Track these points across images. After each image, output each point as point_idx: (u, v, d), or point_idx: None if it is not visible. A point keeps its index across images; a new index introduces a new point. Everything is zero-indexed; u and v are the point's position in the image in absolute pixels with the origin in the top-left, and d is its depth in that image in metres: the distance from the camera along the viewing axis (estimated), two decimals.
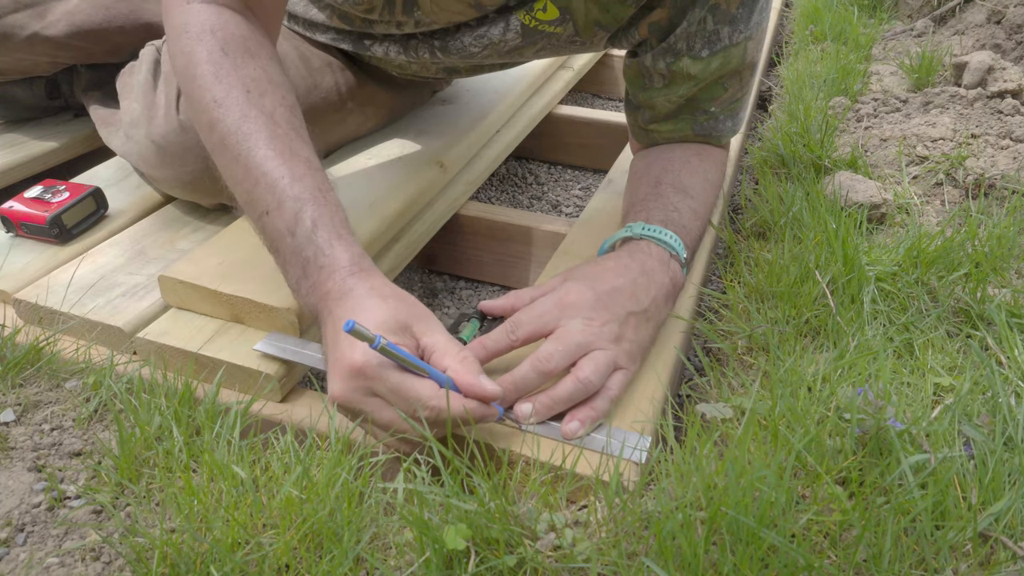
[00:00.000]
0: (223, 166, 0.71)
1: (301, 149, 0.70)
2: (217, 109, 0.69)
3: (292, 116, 0.72)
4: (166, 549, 0.52)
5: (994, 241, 0.88)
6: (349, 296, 0.63)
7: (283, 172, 0.67)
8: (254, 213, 0.69)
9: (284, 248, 0.67)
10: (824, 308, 0.78)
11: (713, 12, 0.80)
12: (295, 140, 0.70)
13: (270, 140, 0.68)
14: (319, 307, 0.65)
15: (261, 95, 0.70)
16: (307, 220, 0.66)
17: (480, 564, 0.51)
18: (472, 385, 0.60)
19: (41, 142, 1.17)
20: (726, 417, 0.65)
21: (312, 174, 0.68)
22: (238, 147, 0.68)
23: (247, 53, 0.72)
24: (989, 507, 0.54)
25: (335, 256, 0.65)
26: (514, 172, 1.52)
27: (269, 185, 0.67)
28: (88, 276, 0.84)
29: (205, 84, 0.70)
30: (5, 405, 0.68)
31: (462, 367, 0.61)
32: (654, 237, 0.77)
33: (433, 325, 0.64)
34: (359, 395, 0.60)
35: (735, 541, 0.51)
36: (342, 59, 1.02)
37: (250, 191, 0.68)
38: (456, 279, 1.23)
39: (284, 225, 0.66)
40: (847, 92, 1.43)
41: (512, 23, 0.84)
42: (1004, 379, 0.69)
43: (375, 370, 0.59)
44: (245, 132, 0.68)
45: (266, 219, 0.67)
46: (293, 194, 0.66)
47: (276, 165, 0.67)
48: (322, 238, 0.65)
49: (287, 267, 0.68)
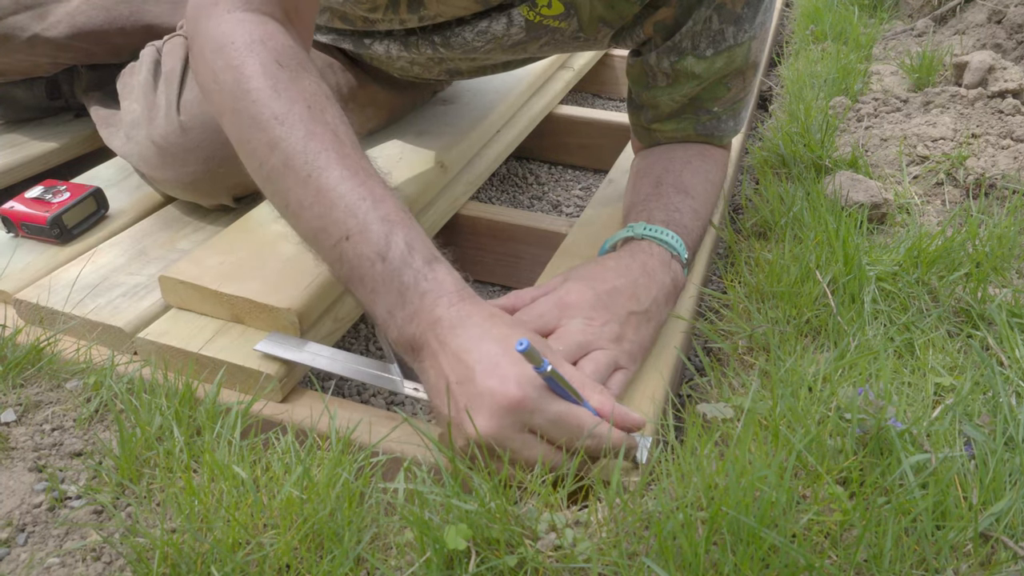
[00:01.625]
0: (285, 190, 0.63)
1: (372, 168, 0.64)
2: (279, 127, 0.62)
3: (352, 133, 0.66)
4: (167, 549, 0.52)
5: (995, 241, 0.88)
6: (468, 322, 0.57)
7: (363, 193, 0.60)
8: (329, 240, 0.61)
9: (372, 275, 0.60)
10: (824, 308, 0.78)
11: (719, 11, 0.80)
12: (364, 160, 0.64)
13: (341, 159, 0.62)
14: (425, 337, 0.58)
15: (323, 111, 0.64)
16: (400, 243, 0.59)
17: (481, 564, 0.51)
18: (624, 416, 0.58)
19: (42, 142, 1.17)
20: (727, 417, 0.65)
21: (392, 194, 0.63)
22: (307, 167, 0.61)
23: (301, 67, 0.66)
24: (990, 507, 0.54)
25: (439, 280, 0.59)
26: (514, 172, 1.52)
27: (349, 208, 0.60)
28: (89, 276, 0.84)
29: (262, 99, 0.63)
30: (6, 405, 0.68)
31: (606, 397, 0.58)
32: (655, 237, 0.77)
33: (559, 356, 0.60)
34: (513, 431, 0.55)
35: (736, 541, 0.51)
36: (343, 60, 1.02)
37: (324, 215, 0.61)
38: None
39: (372, 250, 0.59)
40: (847, 92, 1.43)
41: (515, 18, 0.84)
42: (1005, 379, 0.69)
43: (535, 402, 0.54)
44: (314, 151, 0.62)
45: (346, 245, 0.60)
46: (379, 215, 0.60)
47: (354, 186, 0.61)
48: (420, 261, 0.60)
49: (376, 296, 0.60)
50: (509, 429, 0.55)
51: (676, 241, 0.77)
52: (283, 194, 0.64)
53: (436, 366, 0.58)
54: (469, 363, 0.56)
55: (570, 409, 0.56)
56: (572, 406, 0.56)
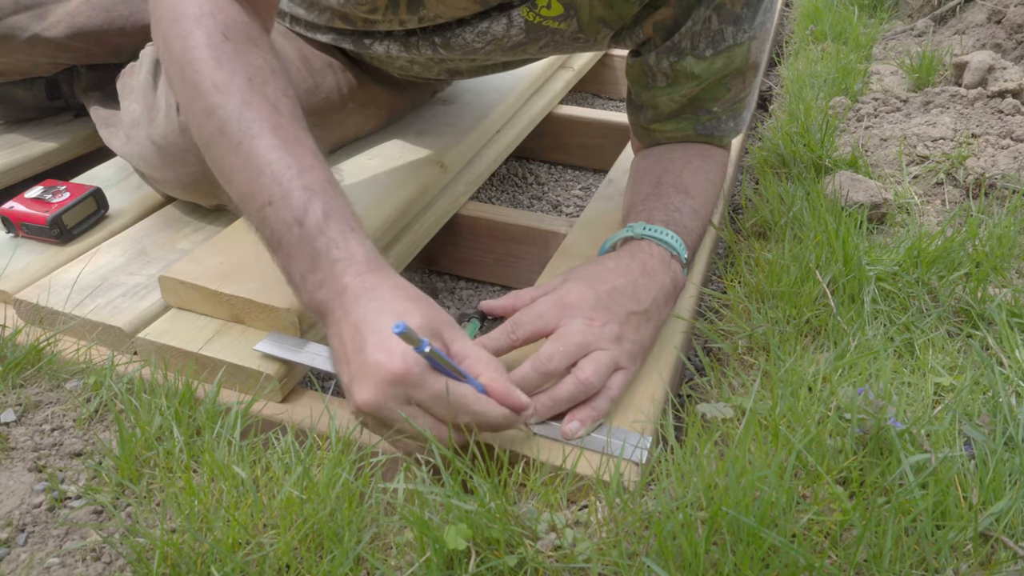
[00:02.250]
0: (219, 156, 0.67)
1: (306, 140, 0.67)
2: (217, 95, 0.65)
3: (294, 106, 0.69)
4: (167, 549, 0.52)
5: (994, 241, 0.88)
6: (371, 294, 0.59)
7: (290, 162, 0.63)
8: (254, 204, 0.64)
9: (289, 239, 0.62)
10: (824, 308, 0.78)
11: (718, 11, 0.80)
12: (300, 131, 0.67)
13: (275, 129, 0.65)
14: (331, 304, 0.61)
15: (264, 83, 0.67)
16: (318, 210, 0.62)
17: (480, 564, 0.51)
18: (508, 394, 0.59)
19: (41, 142, 1.17)
20: (726, 417, 0.65)
21: (320, 165, 0.65)
22: (239, 135, 0.64)
23: (249, 40, 0.69)
24: (990, 507, 0.54)
25: (351, 250, 0.61)
26: (514, 172, 1.52)
27: (274, 175, 0.63)
28: (89, 276, 0.84)
29: (204, 68, 0.66)
30: (6, 405, 0.68)
31: (497, 375, 0.60)
32: (655, 237, 0.77)
33: (459, 332, 0.62)
34: (395, 403, 0.56)
35: (736, 541, 0.51)
36: (343, 60, 1.02)
37: (251, 181, 0.64)
38: (456, 279, 1.22)
39: (291, 215, 0.62)
40: (847, 92, 1.43)
41: (515, 19, 0.84)
42: (1005, 379, 0.69)
43: (418, 377, 0.56)
44: (248, 119, 0.64)
45: (268, 210, 0.63)
46: (302, 184, 0.62)
47: (282, 155, 0.63)
48: (335, 230, 0.61)
49: (291, 260, 0.63)
50: (391, 400, 0.56)
51: (676, 241, 0.77)
52: (218, 159, 0.67)
53: (338, 334, 0.60)
54: (364, 334, 0.57)
55: (455, 386, 0.57)
56: (455, 383, 0.57)
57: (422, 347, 0.54)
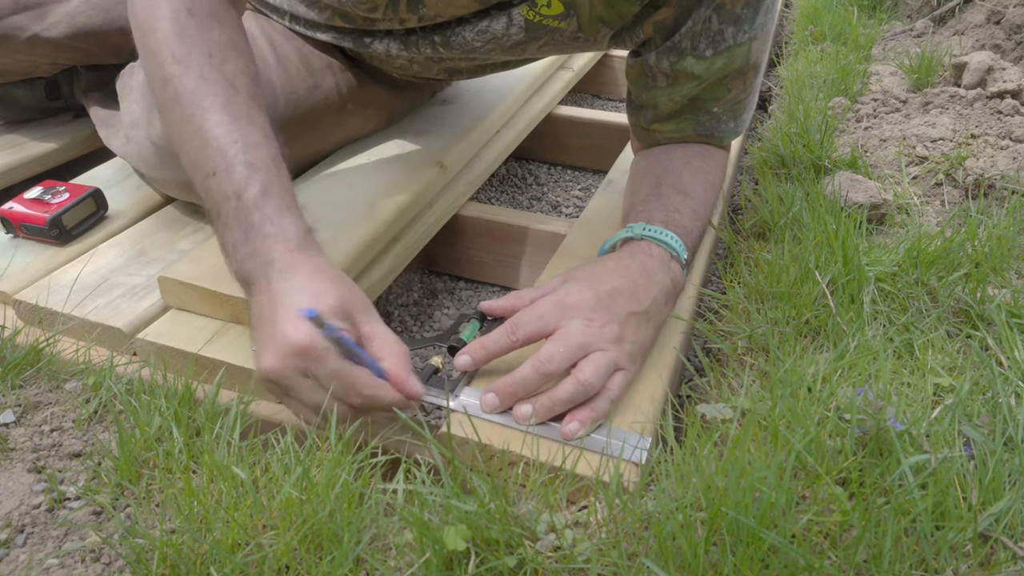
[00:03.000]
0: (173, 122, 0.70)
1: (258, 118, 0.69)
2: (175, 66, 0.68)
3: (253, 86, 0.71)
4: (166, 550, 0.52)
5: (994, 241, 0.88)
6: (294, 271, 0.63)
7: (237, 137, 0.66)
8: (200, 174, 0.67)
9: (227, 210, 0.65)
10: (824, 308, 0.78)
11: (718, 11, 0.80)
12: (253, 109, 0.69)
13: (226, 105, 0.68)
14: (255, 275, 0.64)
15: (224, 61, 0.70)
16: (257, 186, 0.65)
17: (480, 565, 0.51)
18: (404, 382, 0.62)
19: (41, 143, 1.17)
20: (726, 418, 0.65)
21: (267, 144, 0.68)
22: (192, 107, 0.67)
23: (213, 17, 0.72)
24: (989, 507, 0.54)
25: (283, 227, 0.65)
26: (514, 173, 1.52)
27: (220, 148, 0.66)
28: (88, 277, 0.84)
29: (165, 39, 0.69)
30: (5, 406, 0.68)
31: (399, 362, 0.62)
32: (655, 238, 0.77)
33: (373, 315, 0.65)
34: (293, 374, 0.60)
35: (735, 542, 0.51)
36: (343, 60, 1.02)
37: (199, 151, 0.67)
38: (456, 280, 1.23)
39: (231, 188, 0.65)
40: (847, 92, 1.43)
41: (515, 18, 0.84)
42: (1004, 379, 0.69)
43: (318, 352, 0.59)
44: (203, 93, 0.68)
45: (211, 180, 0.66)
46: (246, 159, 0.66)
47: (230, 130, 0.66)
48: (271, 207, 0.65)
49: (226, 230, 0.66)
50: (290, 371, 0.60)
51: (675, 242, 0.77)
52: (171, 125, 0.71)
53: (259, 304, 0.63)
54: (279, 307, 0.61)
55: (350, 368, 0.60)
56: (352, 366, 0.60)
57: (326, 330, 0.58)
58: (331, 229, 0.87)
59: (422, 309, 1.15)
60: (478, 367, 0.69)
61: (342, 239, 0.86)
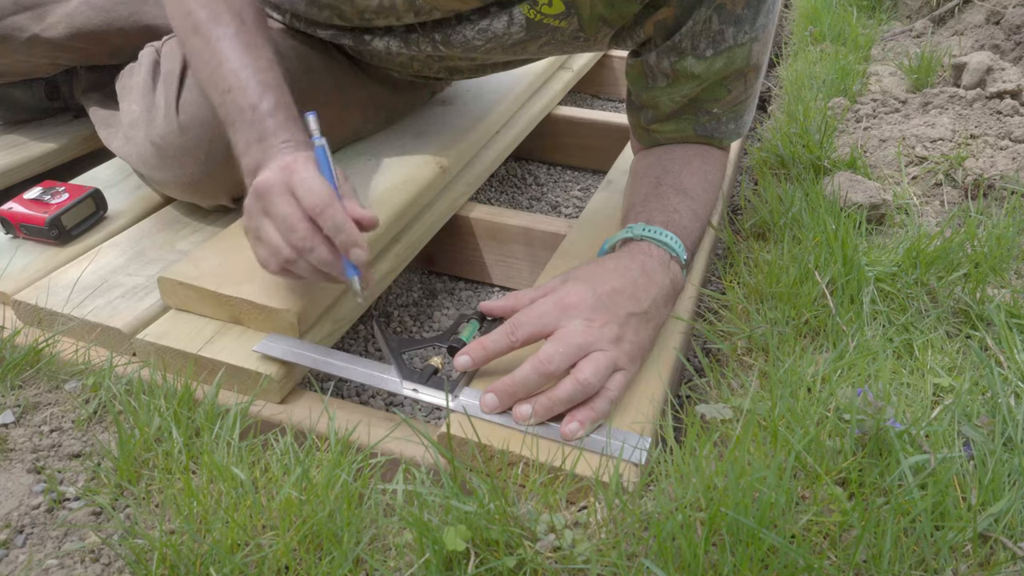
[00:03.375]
0: (194, 46, 0.80)
1: (264, 47, 0.79)
2: (193, 2, 0.79)
3: (258, 18, 0.82)
4: (165, 550, 0.52)
5: (993, 241, 0.88)
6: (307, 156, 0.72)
7: (248, 61, 0.77)
8: (216, 89, 0.77)
9: (243, 119, 0.75)
10: (823, 309, 0.78)
11: (719, 12, 0.80)
12: (259, 37, 0.80)
13: (237, 34, 0.78)
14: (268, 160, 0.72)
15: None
16: (271, 100, 0.75)
17: (480, 565, 0.51)
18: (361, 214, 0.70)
19: (41, 143, 1.17)
20: (726, 418, 0.65)
21: (274, 69, 0.78)
22: (209, 35, 0.78)
23: None
24: (989, 507, 0.54)
25: (294, 132, 0.74)
26: (514, 173, 1.52)
27: (234, 70, 0.76)
28: (88, 277, 0.84)
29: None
30: (4, 407, 0.68)
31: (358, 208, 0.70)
32: (654, 238, 0.77)
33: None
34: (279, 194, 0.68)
35: (735, 542, 0.51)
36: (342, 59, 1.02)
37: (216, 69, 0.77)
38: (456, 280, 1.23)
39: (247, 101, 0.75)
40: (846, 93, 1.43)
41: (516, 16, 0.84)
42: (1003, 379, 0.69)
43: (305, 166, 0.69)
44: (217, 23, 0.78)
45: (228, 96, 0.76)
46: (258, 80, 0.76)
47: (242, 54, 0.77)
48: (282, 116, 0.75)
49: (240, 132, 0.75)
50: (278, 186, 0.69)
51: (675, 242, 0.77)
52: (192, 53, 0.81)
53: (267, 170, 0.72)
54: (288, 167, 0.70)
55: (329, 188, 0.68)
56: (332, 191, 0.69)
57: (316, 139, 0.73)
58: None
59: (422, 309, 1.15)
60: (478, 367, 0.68)
61: None
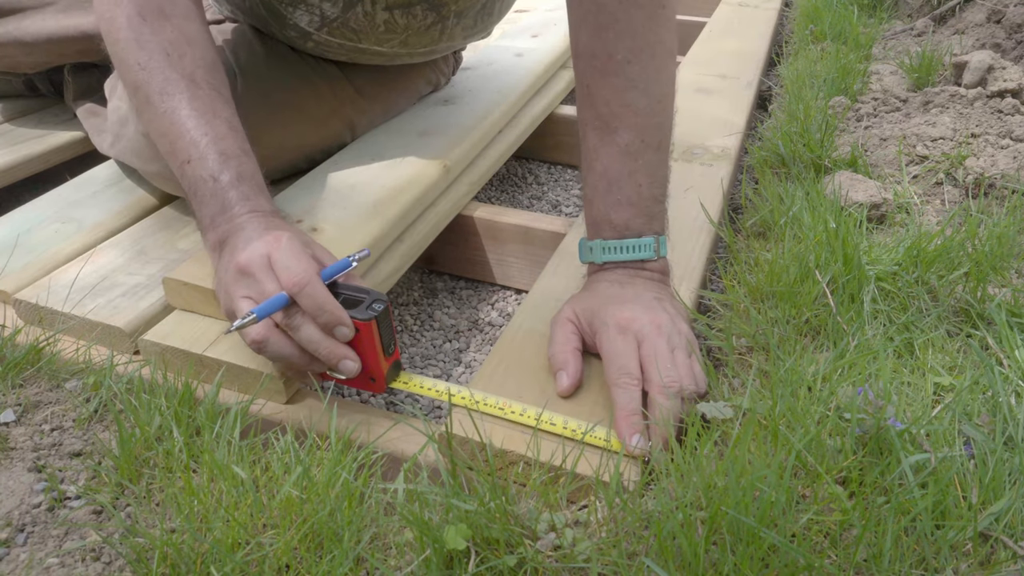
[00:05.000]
0: (148, 119, 0.76)
1: (222, 110, 0.76)
2: (141, 72, 0.75)
3: (211, 75, 0.77)
4: (166, 549, 0.52)
5: (994, 240, 0.88)
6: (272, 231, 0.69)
7: (206, 130, 0.73)
8: (176, 161, 0.74)
9: (204, 191, 0.73)
10: (824, 308, 0.78)
11: None
12: (216, 100, 0.76)
13: (191, 101, 0.74)
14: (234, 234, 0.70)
15: (180, 57, 0.76)
16: (232, 171, 0.73)
17: (480, 564, 0.51)
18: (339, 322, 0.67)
19: (41, 143, 1.17)
20: (726, 417, 0.65)
21: (234, 135, 0.75)
22: (163, 106, 0.74)
23: (162, 15, 0.77)
24: (989, 507, 0.54)
25: (259, 203, 0.73)
26: (514, 172, 1.52)
27: (193, 140, 0.73)
28: (88, 276, 0.84)
29: (128, 48, 0.76)
30: (5, 405, 0.68)
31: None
32: (618, 259, 0.75)
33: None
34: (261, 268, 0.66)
35: (735, 541, 0.51)
36: (332, 64, 1.03)
37: (174, 143, 0.74)
38: (456, 279, 1.22)
39: (208, 172, 0.72)
40: (847, 92, 1.43)
41: None
42: (1004, 379, 0.69)
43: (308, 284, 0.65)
44: (169, 93, 0.74)
45: (187, 167, 0.73)
46: (217, 150, 0.73)
47: (199, 124, 0.73)
48: (247, 187, 0.73)
49: (203, 206, 0.73)
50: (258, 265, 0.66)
51: (640, 248, 0.75)
52: (147, 123, 0.78)
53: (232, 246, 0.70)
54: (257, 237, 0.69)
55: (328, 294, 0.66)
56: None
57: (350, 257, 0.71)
58: (337, 229, 0.87)
59: (422, 308, 1.15)
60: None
61: (347, 239, 0.85)
